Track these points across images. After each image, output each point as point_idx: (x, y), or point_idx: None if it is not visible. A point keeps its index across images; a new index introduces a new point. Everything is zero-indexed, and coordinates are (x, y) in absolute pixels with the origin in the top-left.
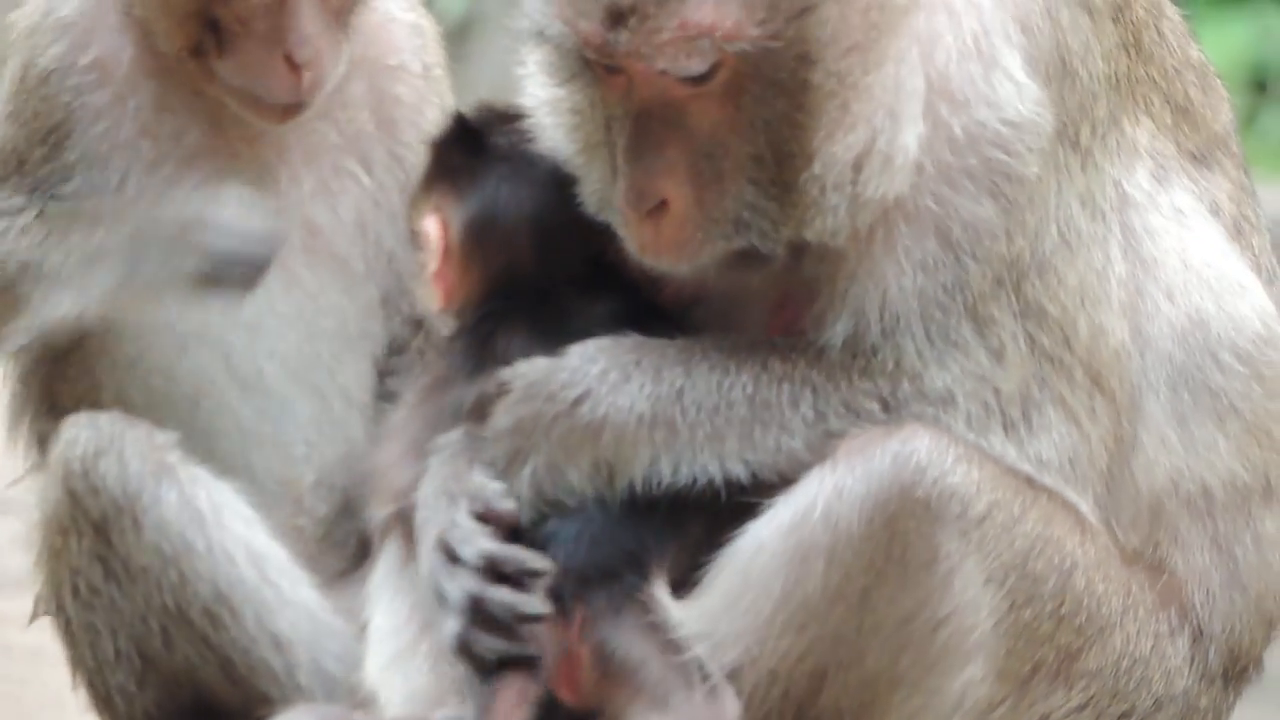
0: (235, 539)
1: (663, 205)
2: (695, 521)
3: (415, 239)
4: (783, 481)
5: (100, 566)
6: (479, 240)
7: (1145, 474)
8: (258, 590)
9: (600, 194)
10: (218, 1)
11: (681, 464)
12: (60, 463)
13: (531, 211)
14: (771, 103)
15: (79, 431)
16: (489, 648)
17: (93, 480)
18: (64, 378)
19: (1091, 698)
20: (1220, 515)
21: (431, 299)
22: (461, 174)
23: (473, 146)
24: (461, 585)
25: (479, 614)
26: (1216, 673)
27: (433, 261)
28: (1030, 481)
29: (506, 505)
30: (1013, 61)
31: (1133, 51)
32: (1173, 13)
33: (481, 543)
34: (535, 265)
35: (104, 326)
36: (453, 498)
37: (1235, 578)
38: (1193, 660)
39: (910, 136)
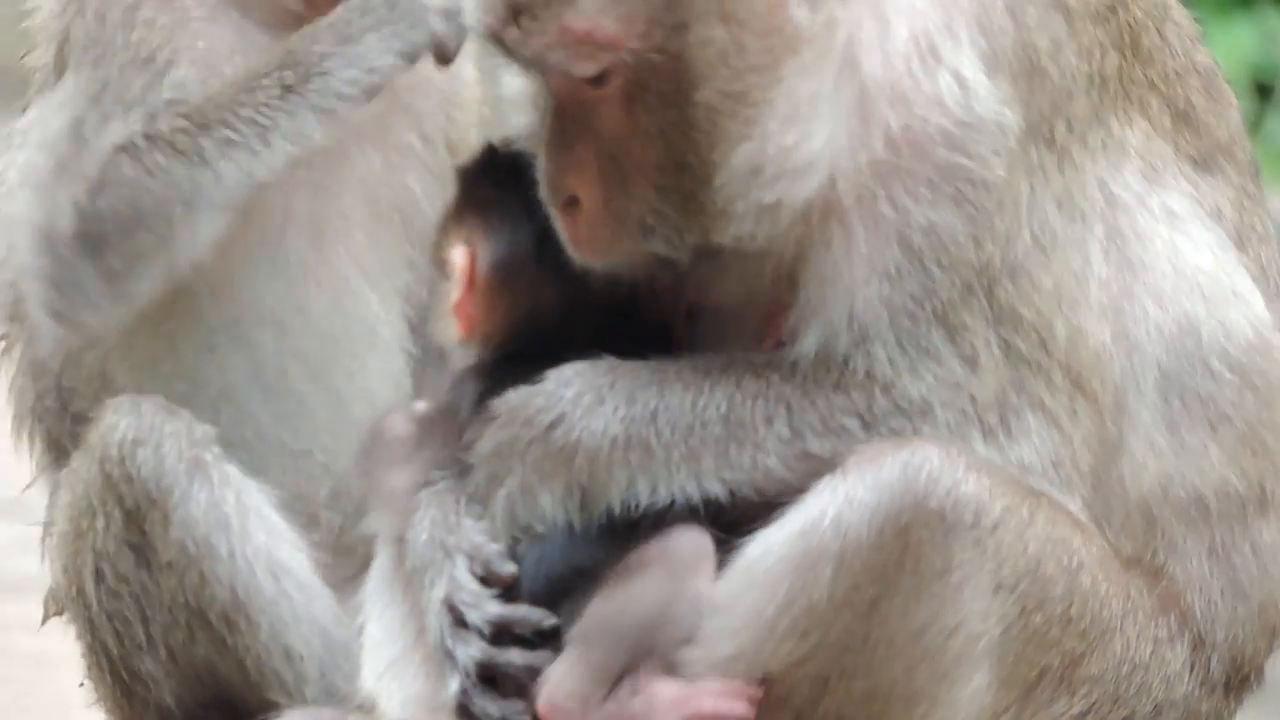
0: (256, 548)
1: (576, 202)
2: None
3: (441, 267)
4: (762, 499)
5: (131, 554)
6: (507, 280)
7: (1133, 478)
8: (274, 603)
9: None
10: None
11: (659, 485)
12: (99, 445)
13: (561, 257)
14: (664, 114)
15: (120, 418)
16: (492, 713)
17: (128, 469)
18: (78, 378)
19: (1093, 704)
20: (1217, 524)
21: (450, 329)
22: (493, 209)
23: (504, 180)
24: (469, 652)
25: (485, 677)
26: (1219, 680)
27: (456, 292)
28: (1034, 489)
29: (507, 569)
30: (963, 61)
31: (1128, 53)
32: (1180, 16)
33: (489, 609)
34: (561, 310)
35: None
36: (448, 552)
37: (1236, 586)
38: (1193, 666)
39: (811, 137)
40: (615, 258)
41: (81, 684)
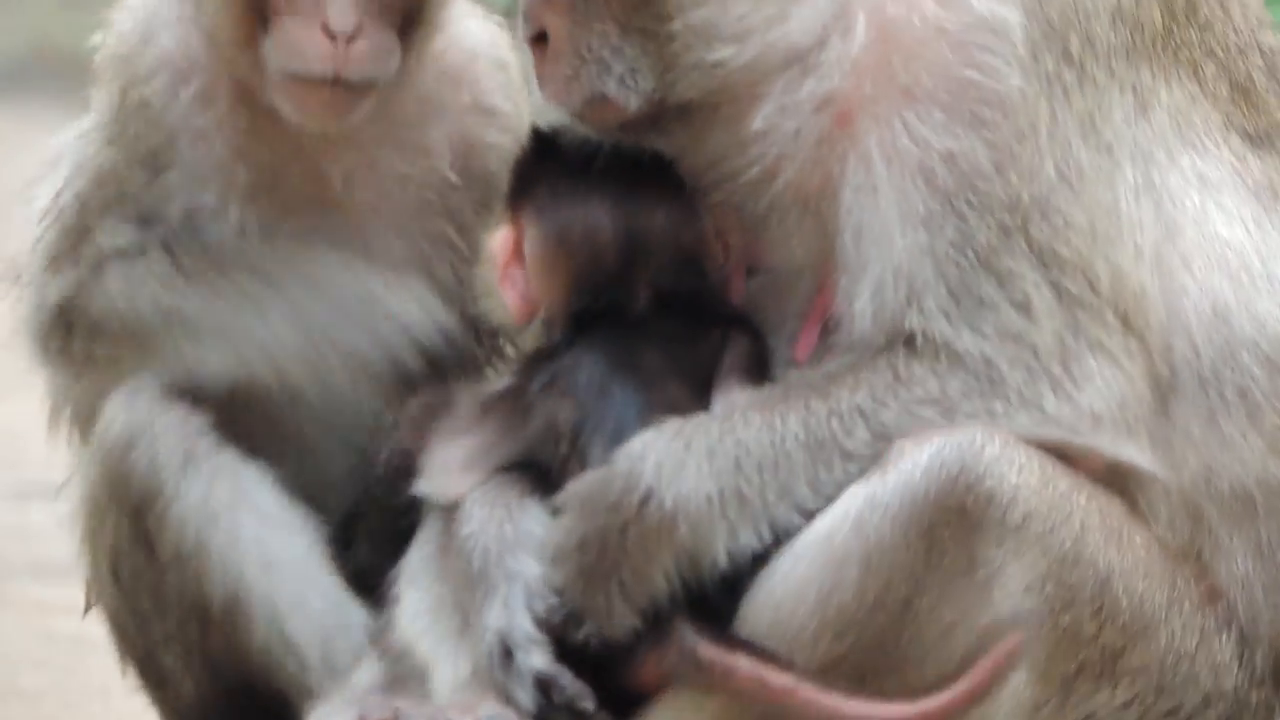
0: (248, 541)
1: (545, 38)
2: None
3: (491, 251)
4: None
5: (141, 551)
6: (560, 251)
7: (1174, 472)
8: (266, 597)
9: None
10: None
11: (761, 527)
12: (99, 445)
13: (615, 224)
14: None
15: (117, 413)
16: None
17: (125, 467)
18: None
19: (1137, 695)
20: (1264, 521)
21: (503, 308)
22: (541, 186)
23: (550, 157)
24: (523, 697)
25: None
26: (1266, 673)
27: (499, 267)
28: (1070, 484)
29: (576, 632)
30: None
31: (1181, 16)
32: None
33: (536, 661)
34: (620, 277)
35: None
36: (507, 576)
37: None
38: (1241, 659)
39: (755, 10)
40: (574, 98)
41: (125, 673)
